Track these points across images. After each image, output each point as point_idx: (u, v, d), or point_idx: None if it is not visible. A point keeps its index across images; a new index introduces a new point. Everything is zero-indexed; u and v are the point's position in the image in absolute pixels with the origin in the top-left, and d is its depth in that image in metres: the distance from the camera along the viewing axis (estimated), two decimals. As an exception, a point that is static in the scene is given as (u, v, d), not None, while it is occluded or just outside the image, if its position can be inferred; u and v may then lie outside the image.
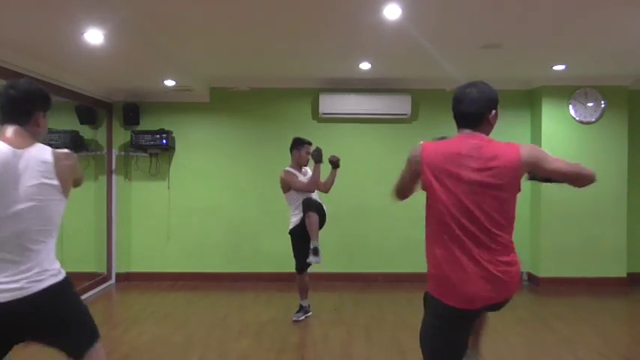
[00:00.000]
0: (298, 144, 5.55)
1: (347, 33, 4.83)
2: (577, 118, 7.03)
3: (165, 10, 4.14)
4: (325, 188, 5.52)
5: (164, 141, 7.04)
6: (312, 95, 7.24)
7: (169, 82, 6.38)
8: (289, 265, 5.67)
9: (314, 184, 5.34)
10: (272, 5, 4.07)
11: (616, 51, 5.50)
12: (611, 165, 7.01)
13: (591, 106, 7.02)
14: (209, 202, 7.30)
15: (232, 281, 7.16)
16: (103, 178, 7.15)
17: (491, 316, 5.68)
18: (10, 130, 2.32)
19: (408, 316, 5.65)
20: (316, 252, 5.29)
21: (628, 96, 7.07)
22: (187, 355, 4.50)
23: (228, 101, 7.32)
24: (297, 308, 5.56)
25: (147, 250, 7.32)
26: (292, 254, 5.54)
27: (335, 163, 5.47)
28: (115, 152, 7.25)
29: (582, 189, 2.55)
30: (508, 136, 7.40)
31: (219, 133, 7.35)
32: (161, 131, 7.07)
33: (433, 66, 6.06)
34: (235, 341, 4.85)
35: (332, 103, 7.10)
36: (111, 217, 7.20)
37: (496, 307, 2.49)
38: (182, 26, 4.61)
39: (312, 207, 5.28)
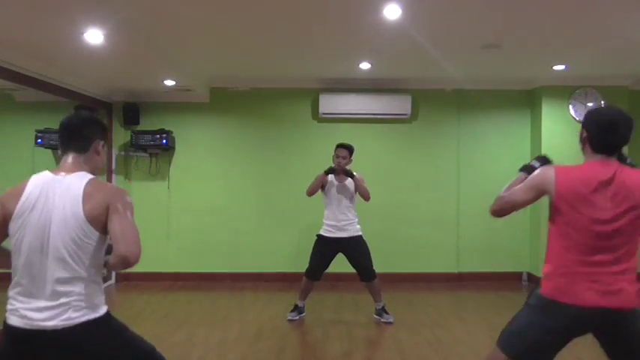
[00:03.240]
0: (336, 148, 5.44)
1: (347, 33, 4.83)
2: (577, 118, 7.03)
3: (166, 10, 4.14)
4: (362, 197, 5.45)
5: (164, 141, 7.04)
6: (312, 95, 7.24)
7: (169, 82, 6.38)
8: (289, 265, 5.71)
9: (308, 189, 5.36)
10: (272, 5, 4.07)
11: (616, 51, 5.50)
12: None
13: (591, 106, 7.01)
14: (209, 202, 7.30)
15: (232, 281, 7.16)
16: (103, 178, 7.15)
17: (491, 316, 5.73)
18: (67, 157, 2.32)
19: (408, 316, 5.65)
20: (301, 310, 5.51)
21: (628, 96, 7.07)
22: (187, 355, 4.50)
23: (229, 101, 7.33)
24: (292, 307, 5.55)
25: (147, 250, 7.16)
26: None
27: (343, 173, 5.37)
28: (114, 152, 7.26)
29: None
30: (508, 136, 7.43)
31: (219, 133, 7.35)
32: (161, 131, 7.07)
33: (433, 66, 6.06)
34: (235, 341, 4.85)
35: (332, 103, 7.10)
36: (111, 217, 7.18)
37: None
38: (182, 26, 4.60)
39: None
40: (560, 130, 7.04)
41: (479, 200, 7.34)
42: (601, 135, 2.47)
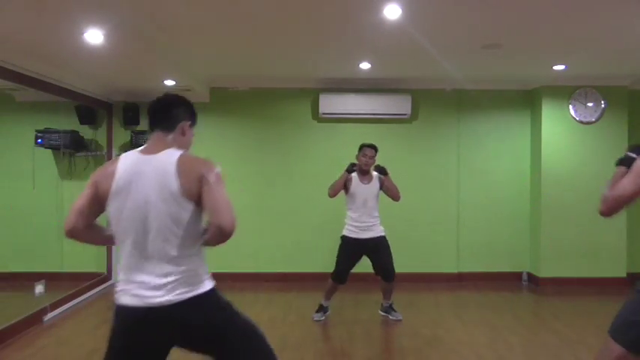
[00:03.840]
0: (360, 148, 5.43)
1: (347, 33, 4.83)
2: (577, 118, 7.04)
3: (166, 10, 4.14)
4: (392, 198, 5.46)
5: (164, 141, 7.02)
6: (312, 95, 7.24)
7: (169, 82, 6.38)
8: (289, 266, 5.70)
9: (329, 190, 5.30)
10: (272, 5, 4.07)
11: (616, 51, 5.50)
12: (611, 165, 6.95)
13: (591, 106, 7.02)
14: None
15: (232, 281, 7.15)
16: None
17: (491, 316, 5.72)
18: (153, 137, 2.34)
19: (408, 315, 5.65)
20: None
21: (628, 96, 7.07)
22: (186, 354, 4.49)
23: (229, 101, 7.33)
24: (317, 307, 5.56)
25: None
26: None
27: (381, 172, 5.39)
28: (114, 152, 7.25)
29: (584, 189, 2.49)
30: (507, 136, 7.43)
31: (219, 133, 7.35)
32: (161, 131, 7.05)
33: (433, 66, 6.06)
34: (235, 341, 4.84)
35: (332, 103, 7.10)
36: (111, 217, 7.18)
37: None
38: (182, 26, 4.60)
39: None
40: (560, 130, 7.04)
41: (479, 200, 7.37)
42: None
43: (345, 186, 5.33)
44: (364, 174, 5.35)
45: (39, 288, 5.52)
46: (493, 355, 4.46)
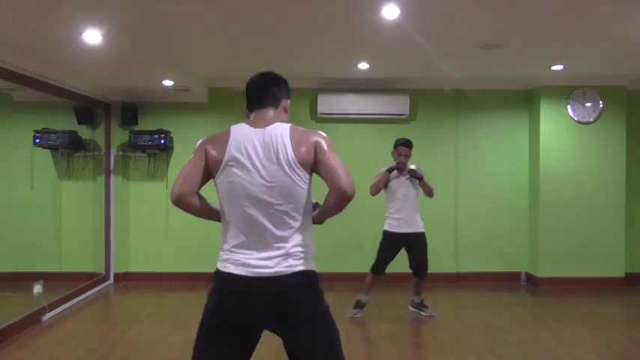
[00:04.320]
0: (395, 145, 5.57)
1: (345, 33, 4.84)
2: (575, 118, 7.04)
3: (164, 10, 4.13)
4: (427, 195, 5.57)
5: (162, 141, 7.03)
6: (310, 95, 7.24)
7: (167, 82, 6.38)
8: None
9: (371, 189, 5.47)
10: (270, 5, 4.07)
11: (614, 51, 5.51)
12: (609, 165, 7.02)
13: (589, 106, 7.03)
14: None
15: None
16: (101, 179, 7.14)
17: (490, 316, 5.72)
18: (258, 114, 2.33)
19: (407, 315, 5.65)
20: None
21: (626, 96, 7.08)
22: (186, 354, 4.46)
23: (227, 101, 7.31)
24: (355, 303, 5.61)
25: (145, 250, 7.32)
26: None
27: (417, 177, 5.44)
28: (113, 152, 7.25)
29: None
30: (506, 136, 7.43)
31: (217, 133, 7.33)
32: (159, 131, 7.06)
33: (431, 66, 6.07)
34: (234, 341, 4.84)
35: (330, 103, 7.10)
36: (109, 217, 7.19)
37: None
38: (180, 26, 4.60)
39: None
40: (558, 130, 7.05)
41: (477, 200, 7.37)
42: None
43: (386, 182, 5.48)
44: (402, 170, 5.49)
45: (37, 288, 5.51)
46: (491, 355, 4.46)
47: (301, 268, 2.17)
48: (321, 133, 2.24)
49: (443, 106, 7.38)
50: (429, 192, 5.52)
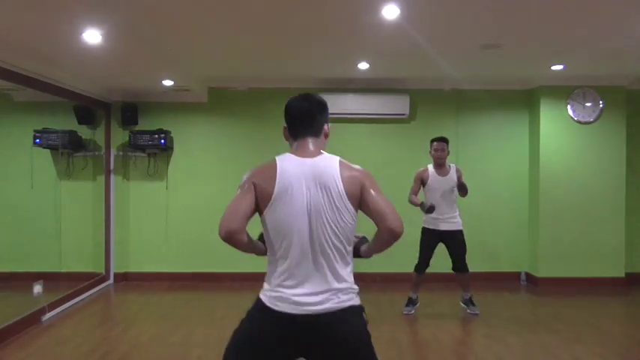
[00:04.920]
0: (430, 143, 5.64)
1: (345, 33, 4.83)
2: (575, 118, 7.04)
3: (164, 10, 4.14)
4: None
5: (162, 141, 7.03)
6: (310, 95, 7.23)
7: (167, 82, 6.38)
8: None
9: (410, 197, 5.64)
10: (270, 5, 4.07)
11: (614, 51, 5.51)
12: (609, 164, 7.02)
13: (589, 106, 7.03)
14: (207, 202, 7.28)
15: (230, 281, 7.16)
16: (101, 178, 7.14)
17: (490, 316, 5.72)
18: (302, 143, 2.29)
19: (407, 316, 5.65)
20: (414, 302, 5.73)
21: (626, 96, 7.08)
22: (186, 354, 4.50)
23: (227, 101, 7.32)
24: (407, 301, 5.76)
25: (145, 250, 7.32)
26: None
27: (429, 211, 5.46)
28: (113, 152, 7.25)
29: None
30: (506, 136, 7.43)
31: (217, 133, 7.35)
32: (159, 131, 7.06)
33: (431, 66, 6.06)
34: (234, 341, 4.84)
35: (330, 103, 6.87)
36: (109, 217, 7.19)
37: None
38: (180, 26, 4.60)
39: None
40: (558, 130, 7.05)
41: (477, 200, 7.35)
42: None
43: (423, 180, 5.60)
44: (440, 167, 5.57)
45: (37, 288, 5.51)
46: (491, 355, 4.46)
47: (349, 303, 2.15)
48: (367, 172, 2.24)
49: (443, 106, 7.38)
50: (463, 191, 5.60)
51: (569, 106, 7.04)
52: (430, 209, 5.35)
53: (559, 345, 4.75)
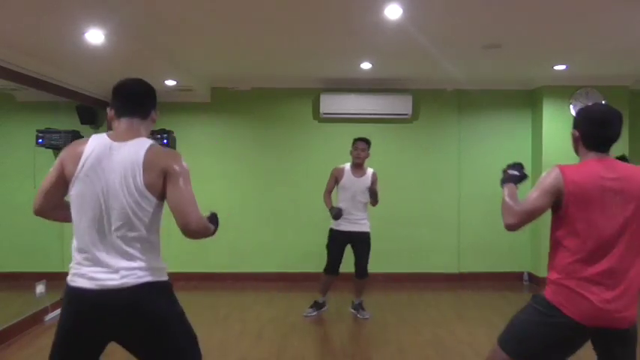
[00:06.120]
0: (353, 142, 5.58)
1: (348, 33, 4.83)
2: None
3: (167, 10, 4.14)
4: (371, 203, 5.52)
5: (165, 141, 7.03)
6: (312, 95, 7.24)
7: (170, 82, 6.38)
8: (290, 265, 5.70)
9: (324, 197, 5.50)
10: (273, 5, 4.07)
11: (617, 51, 5.50)
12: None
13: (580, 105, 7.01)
14: (209, 202, 7.19)
15: (233, 281, 7.16)
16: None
17: (492, 316, 5.72)
18: (124, 124, 2.34)
19: (409, 315, 5.65)
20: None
21: (629, 96, 7.07)
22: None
23: (229, 101, 7.33)
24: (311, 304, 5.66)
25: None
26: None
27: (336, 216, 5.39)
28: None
29: None
30: (508, 136, 7.42)
31: (220, 133, 7.35)
32: (162, 131, 7.05)
33: (434, 66, 6.06)
34: (236, 341, 4.85)
35: (333, 103, 7.10)
36: (111, 217, 7.18)
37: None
38: (183, 26, 4.61)
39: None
40: (560, 130, 7.03)
41: (480, 200, 7.36)
42: (595, 131, 2.45)
43: (337, 178, 5.50)
44: (357, 167, 5.47)
45: (40, 288, 5.52)
46: (494, 355, 4.46)
47: (148, 279, 2.22)
48: (178, 157, 2.27)
49: (445, 106, 7.37)
50: (374, 199, 5.43)
51: (571, 107, 7.03)
52: (337, 215, 5.30)
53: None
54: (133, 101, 2.39)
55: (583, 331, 2.34)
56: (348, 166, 5.53)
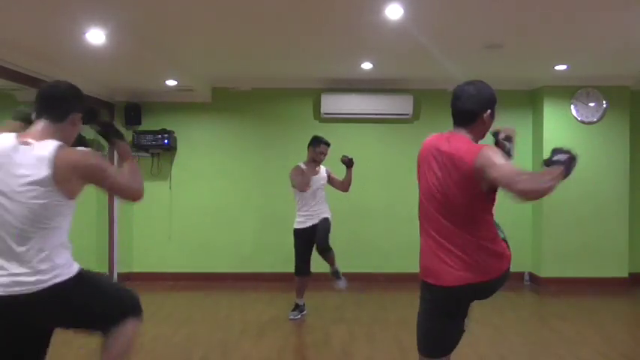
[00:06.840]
0: (315, 142, 5.57)
1: (349, 33, 4.84)
2: (579, 118, 7.03)
3: (167, 10, 4.15)
4: (344, 188, 5.61)
5: (166, 141, 7.04)
6: (313, 95, 7.24)
7: (171, 82, 6.39)
8: (291, 265, 5.69)
9: (303, 185, 5.40)
10: (274, 5, 4.07)
11: (618, 51, 5.49)
12: (613, 165, 7.00)
13: (593, 106, 7.01)
14: (211, 202, 7.30)
15: (234, 281, 7.16)
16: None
17: (493, 316, 5.71)
18: (38, 125, 2.32)
19: (410, 315, 5.64)
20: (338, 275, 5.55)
21: (630, 96, 7.06)
22: (189, 354, 4.50)
23: (230, 101, 7.33)
24: (293, 307, 5.61)
25: (148, 250, 7.32)
26: (293, 253, 5.59)
27: (347, 163, 5.54)
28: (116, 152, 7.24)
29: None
30: (510, 136, 7.42)
31: (220, 133, 7.36)
32: (163, 131, 7.07)
33: (435, 66, 6.06)
34: (237, 341, 4.85)
35: (334, 103, 7.10)
36: (112, 217, 7.20)
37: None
38: (184, 26, 4.61)
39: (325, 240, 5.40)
40: (561, 130, 7.03)
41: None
42: (451, 104, 2.79)
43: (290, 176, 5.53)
44: (314, 165, 5.57)
45: None
46: (495, 355, 4.46)
47: (53, 281, 2.31)
48: (88, 159, 2.34)
49: (446, 107, 7.22)
50: (338, 185, 5.63)
51: (572, 107, 7.03)
52: (349, 161, 5.53)
53: (562, 345, 4.74)
54: (47, 104, 2.34)
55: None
56: (302, 164, 5.56)
